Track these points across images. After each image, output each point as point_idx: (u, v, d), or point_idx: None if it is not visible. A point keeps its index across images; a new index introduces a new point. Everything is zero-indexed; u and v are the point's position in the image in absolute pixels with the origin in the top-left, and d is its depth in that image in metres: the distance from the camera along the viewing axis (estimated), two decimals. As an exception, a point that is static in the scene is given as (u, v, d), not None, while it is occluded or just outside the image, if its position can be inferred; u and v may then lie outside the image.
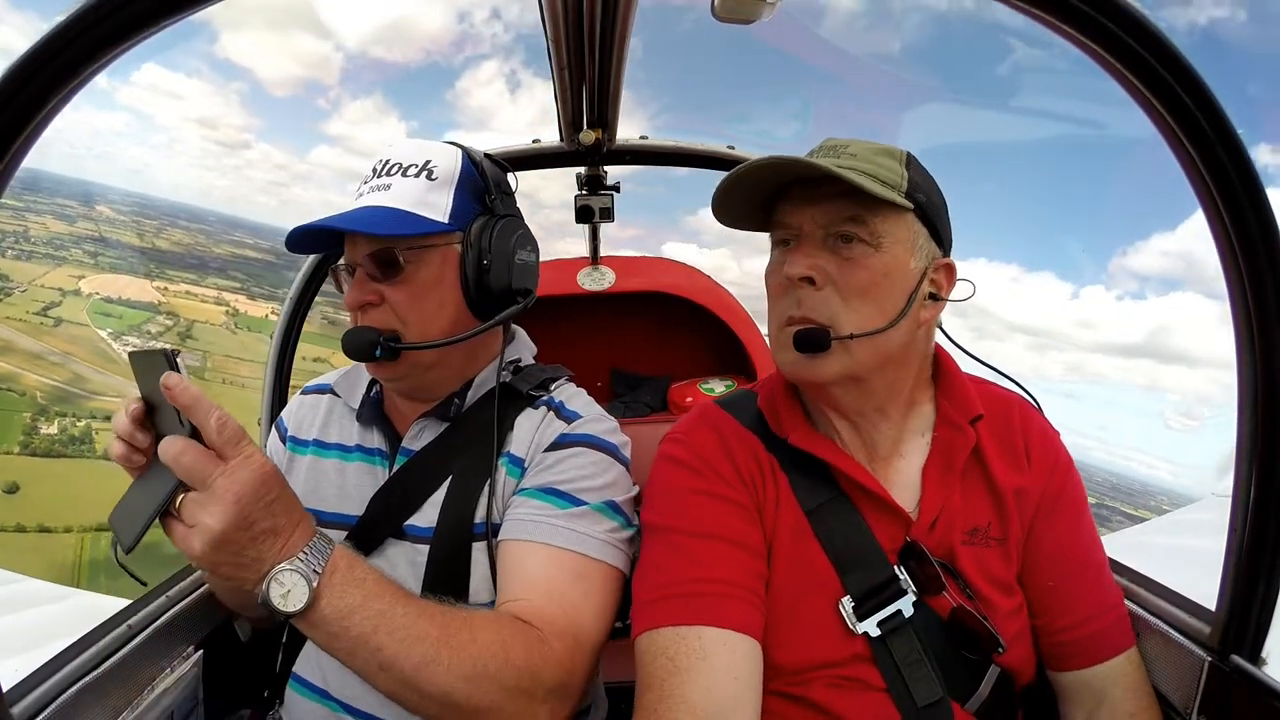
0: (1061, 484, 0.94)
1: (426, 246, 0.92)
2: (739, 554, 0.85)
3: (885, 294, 0.84)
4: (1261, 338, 0.73)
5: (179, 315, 71.24)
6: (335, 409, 1.08)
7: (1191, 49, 7.96)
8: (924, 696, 0.83)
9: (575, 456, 0.93)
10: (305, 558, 0.69)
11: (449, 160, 0.95)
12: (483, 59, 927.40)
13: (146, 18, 0.58)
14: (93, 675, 0.94)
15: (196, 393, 0.65)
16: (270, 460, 0.69)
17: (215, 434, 0.65)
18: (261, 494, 0.66)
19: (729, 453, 0.92)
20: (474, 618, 0.78)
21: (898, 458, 0.93)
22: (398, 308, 0.92)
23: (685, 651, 0.78)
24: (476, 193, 0.97)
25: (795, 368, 0.87)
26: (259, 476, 0.66)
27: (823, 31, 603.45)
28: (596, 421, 0.98)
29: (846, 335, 0.83)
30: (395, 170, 0.94)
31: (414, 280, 0.92)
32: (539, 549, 0.87)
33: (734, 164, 1.71)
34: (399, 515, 0.95)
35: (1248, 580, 0.80)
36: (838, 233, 0.84)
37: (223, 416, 0.66)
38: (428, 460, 0.97)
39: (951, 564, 0.88)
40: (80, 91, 0.61)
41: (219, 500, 0.64)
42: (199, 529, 0.65)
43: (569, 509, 0.90)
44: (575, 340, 2.32)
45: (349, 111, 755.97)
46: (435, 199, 0.93)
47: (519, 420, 0.97)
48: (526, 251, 0.99)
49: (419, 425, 0.99)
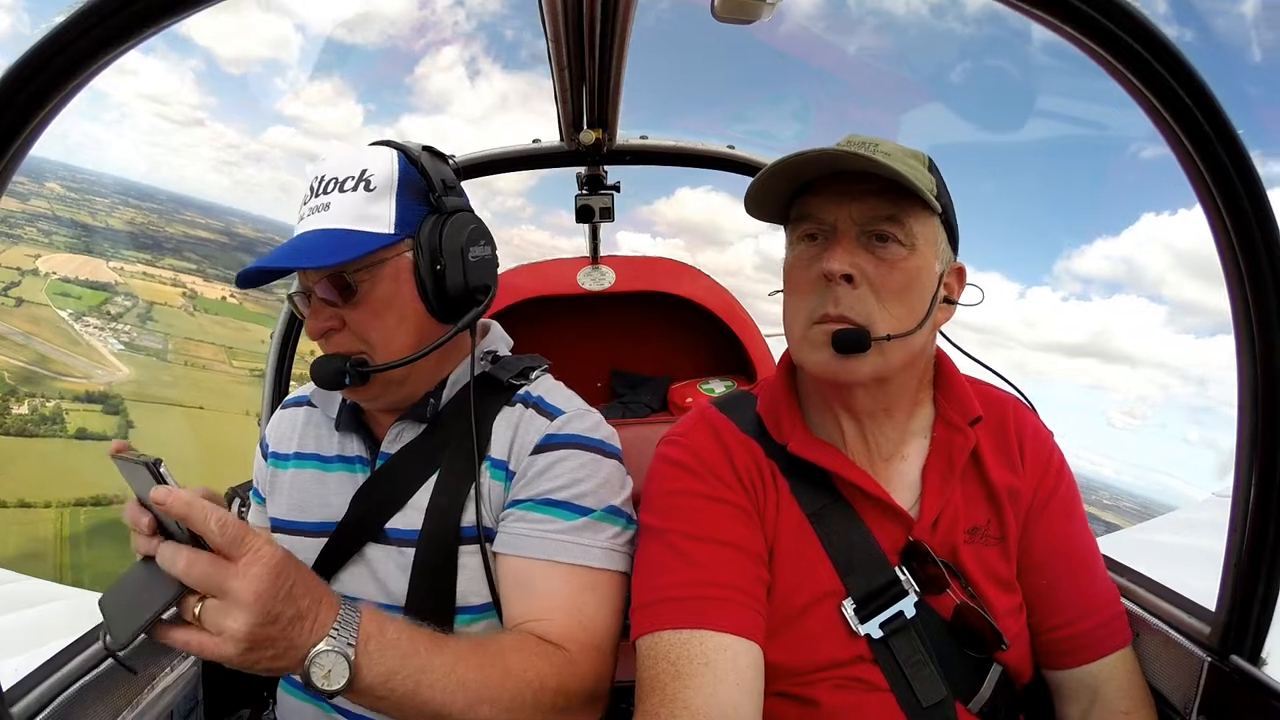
0: (1054, 484, 0.94)
1: (377, 262, 0.89)
2: (740, 558, 0.85)
3: (917, 295, 0.84)
4: (1261, 338, 0.73)
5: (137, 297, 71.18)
6: (313, 420, 1.07)
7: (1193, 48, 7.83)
8: (928, 696, 0.83)
9: (566, 460, 0.91)
10: (337, 634, 0.69)
11: (385, 165, 0.91)
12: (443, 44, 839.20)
13: (146, 18, 0.58)
14: (93, 675, 0.94)
15: (188, 499, 0.64)
16: (279, 547, 0.69)
17: (218, 537, 0.64)
18: (280, 585, 0.65)
19: (729, 456, 0.91)
20: (504, 650, 0.80)
21: (899, 459, 0.93)
22: (359, 329, 0.90)
23: (688, 656, 0.78)
24: (420, 193, 0.92)
25: (828, 367, 0.85)
26: (272, 569, 0.65)
27: (823, 31, 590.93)
28: (580, 418, 0.96)
29: (884, 336, 0.82)
30: (332, 186, 0.89)
31: (370, 299, 0.89)
32: (548, 567, 0.87)
33: (734, 164, 1.72)
34: (379, 517, 0.94)
35: (1248, 580, 0.80)
36: (875, 231, 0.83)
37: (222, 518, 0.65)
38: (407, 461, 0.95)
39: (954, 563, 0.88)
40: (80, 91, 0.61)
41: (239, 603, 0.64)
42: (227, 635, 0.64)
43: (572, 520, 0.89)
44: (575, 340, 2.31)
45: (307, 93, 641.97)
46: (376, 210, 0.89)
47: (496, 421, 0.95)
48: (480, 246, 0.95)
49: (397, 428, 0.98)
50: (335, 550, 0.95)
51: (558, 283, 2.19)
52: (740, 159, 1.72)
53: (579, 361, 2.29)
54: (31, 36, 0.57)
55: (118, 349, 63.07)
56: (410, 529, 0.92)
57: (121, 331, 66.07)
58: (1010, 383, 1.04)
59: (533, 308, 2.12)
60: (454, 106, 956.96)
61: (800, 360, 0.89)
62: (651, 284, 2.24)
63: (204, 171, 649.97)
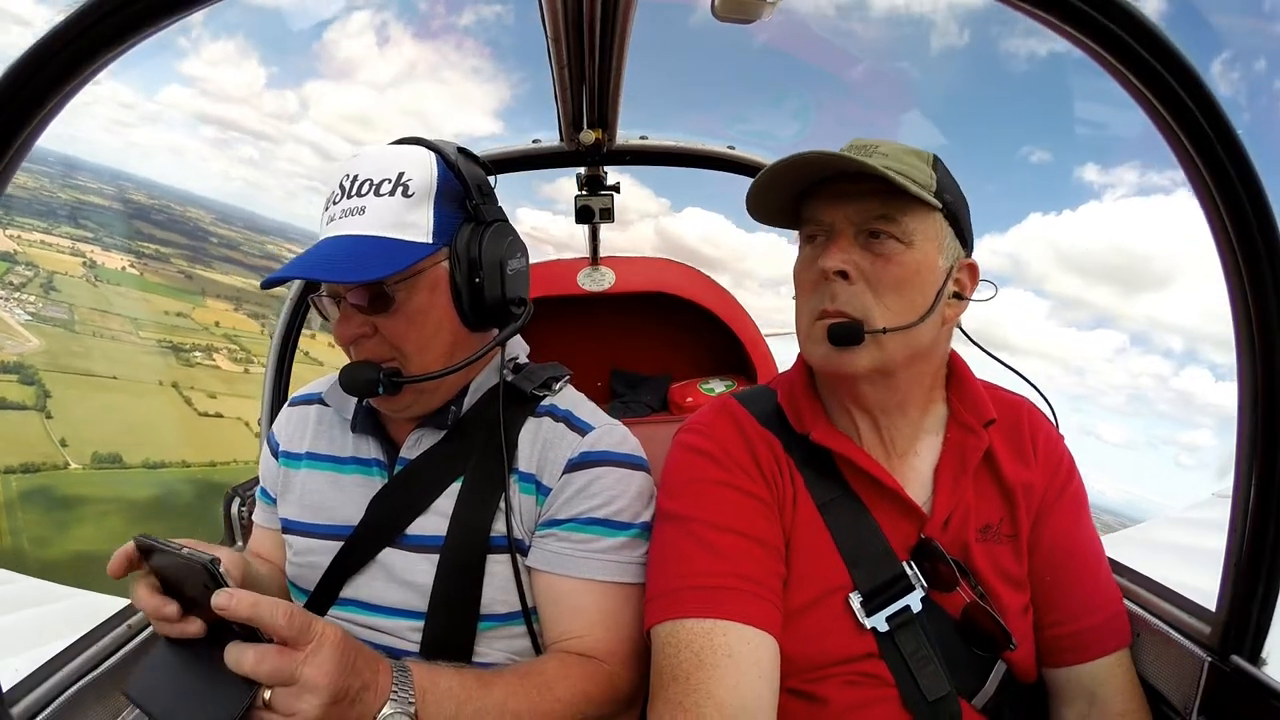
0: (1064, 483, 0.95)
1: (415, 272, 0.87)
2: (761, 551, 0.86)
3: (916, 289, 0.85)
4: (1261, 338, 0.73)
5: (38, 266, 70.11)
6: (325, 419, 1.05)
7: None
8: (932, 691, 0.84)
9: (602, 478, 0.92)
10: (397, 695, 0.71)
11: (424, 169, 0.88)
12: (355, 10, 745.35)
13: (146, 18, 0.58)
14: (93, 675, 0.94)
15: (252, 601, 0.64)
16: (335, 626, 0.70)
17: (287, 629, 0.65)
18: (345, 664, 0.68)
19: (750, 446, 0.92)
20: (550, 679, 0.82)
21: (913, 455, 0.94)
22: (393, 338, 0.88)
23: (711, 647, 0.78)
24: (457, 200, 0.90)
25: (827, 360, 0.87)
26: (337, 650, 0.67)
27: (822, 31, 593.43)
28: (609, 433, 0.97)
29: (879, 329, 0.84)
30: (367, 188, 0.87)
31: (406, 309, 0.87)
32: (588, 585, 0.90)
33: (734, 164, 1.72)
34: (398, 523, 0.93)
35: (1248, 580, 0.80)
36: (870, 229, 0.85)
37: (288, 612, 0.65)
38: (428, 468, 0.95)
39: (965, 561, 0.88)
40: (80, 92, 0.62)
41: (313, 688, 0.65)
42: (300, 717, 0.65)
43: (614, 538, 0.91)
44: (575, 340, 2.31)
45: (209, 51, 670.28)
46: (415, 218, 0.86)
47: (523, 432, 0.95)
48: (518, 259, 0.94)
49: (417, 434, 0.96)
50: (351, 553, 0.94)
51: (557, 283, 2.19)
52: (740, 159, 1.72)
53: (579, 361, 2.28)
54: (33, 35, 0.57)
55: (25, 319, 62.06)
56: (434, 535, 0.91)
57: (26, 302, 64.88)
58: (1031, 383, 1.05)
59: (533, 308, 2.12)
60: (361, 73, 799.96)
61: (806, 356, 0.91)
62: (651, 284, 2.24)
63: (95, 132, 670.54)
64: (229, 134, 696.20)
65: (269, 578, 1.03)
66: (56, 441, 44.17)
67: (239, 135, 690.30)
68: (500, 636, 0.92)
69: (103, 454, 44.72)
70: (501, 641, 0.92)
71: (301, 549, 0.99)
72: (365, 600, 0.93)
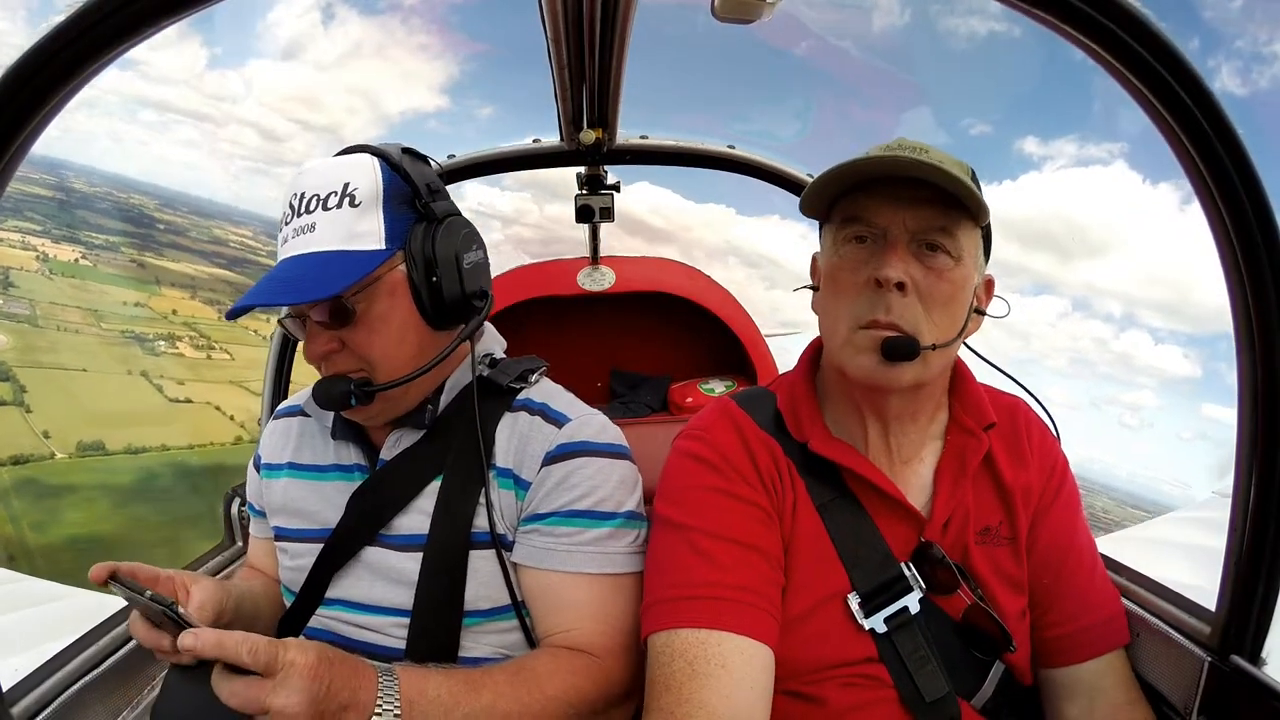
0: (1059, 484, 0.95)
1: (372, 282, 0.87)
2: (759, 560, 0.85)
3: (959, 306, 0.85)
4: (1261, 338, 0.73)
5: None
6: (306, 430, 1.05)
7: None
8: (931, 692, 0.84)
9: (582, 469, 0.91)
10: (381, 708, 0.72)
11: (368, 176, 0.87)
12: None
13: (146, 18, 0.58)
14: (93, 675, 0.94)
15: (216, 639, 0.67)
16: (310, 652, 0.71)
17: (252, 664, 0.67)
18: (317, 689, 0.69)
19: (750, 453, 0.91)
20: (540, 677, 0.82)
21: (916, 461, 0.93)
22: (359, 349, 0.88)
23: (704, 657, 0.78)
24: (406, 201, 0.90)
25: (874, 373, 0.84)
26: (306, 677, 0.68)
27: (822, 30, 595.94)
28: (587, 423, 0.96)
29: (930, 345, 0.83)
30: (315, 204, 0.86)
31: (368, 318, 0.87)
32: (575, 578, 0.89)
33: (734, 164, 1.72)
34: (377, 521, 0.93)
35: (1248, 580, 0.80)
36: (927, 240, 0.83)
37: (253, 648, 0.67)
38: (407, 465, 0.95)
39: (965, 564, 0.88)
40: (79, 92, 0.62)
41: (285, 716, 0.67)
42: None
43: (597, 529, 0.90)
44: (575, 340, 2.31)
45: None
46: (365, 226, 0.86)
47: (500, 427, 0.94)
48: (474, 251, 0.93)
49: (396, 435, 0.96)
50: (333, 553, 0.94)
51: (558, 283, 2.19)
52: (740, 159, 1.72)
53: (579, 361, 2.29)
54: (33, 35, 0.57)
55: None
56: (415, 533, 0.91)
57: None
58: (1027, 389, 1.04)
59: (533, 308, 2.12)
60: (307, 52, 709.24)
61: (842, 363, 0.87)
62: (651, 284, 2.24)
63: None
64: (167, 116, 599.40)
65: (262, 593, 1.04)
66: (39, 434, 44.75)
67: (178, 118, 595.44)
68: (486, 632, 0.91)
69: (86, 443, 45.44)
70: (489, 637, 0.92)
71: (290, 553, 1.00)
72: (351, 599, 0.94)
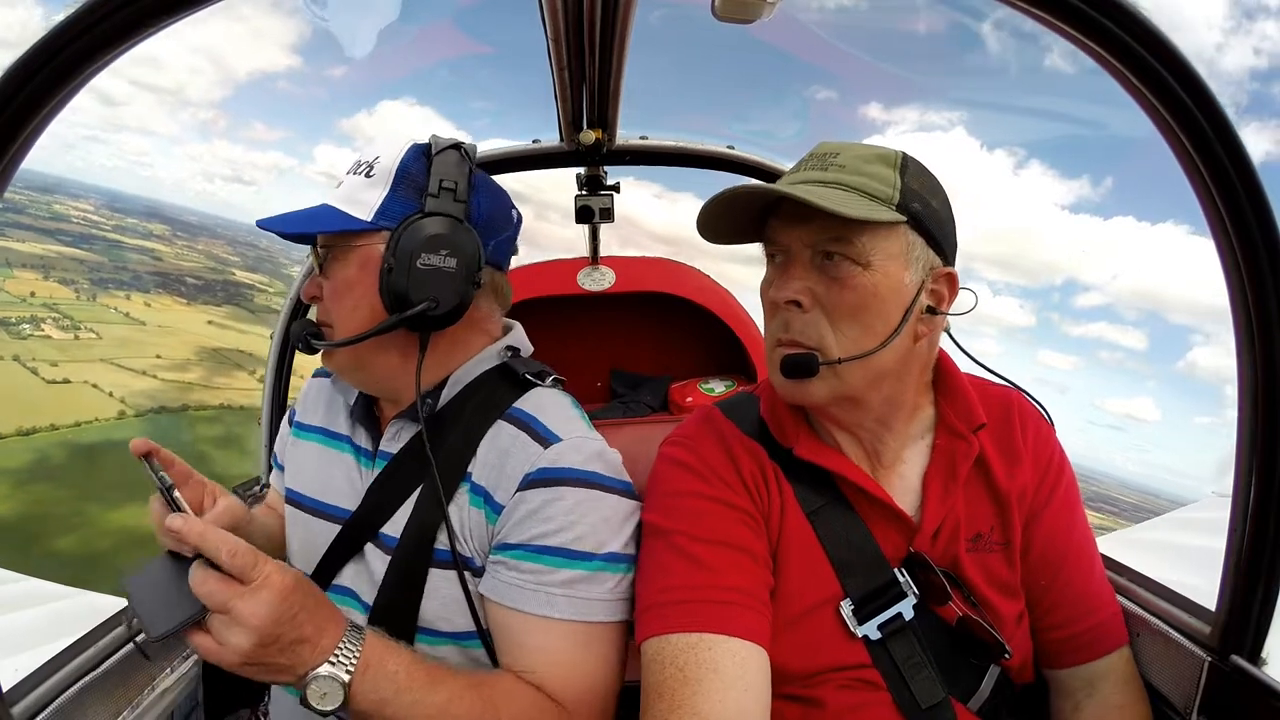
0: (1054, 482, 0.93)
1: (349, 247, 0.91)
2: (746, 561, 0.84)
3: (875, 314, 0.82)
4: (1261, 337, 0.73)
5: None
6: (336, 398, 1.08)
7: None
8: (926, 698, 0.83)
9: (559, 500, 0.84)
10: (336, 659, 0.72)
11: (392, 154, 0.91)
12: None
13: (146, 18, 0.58)
14: (93, 675, 0.94)
15: (200, 531, 0.69)
16: (288, 574, 0.71)
17: (229, 565, 0.69)
18: (283, 612, 0.69)
19: (733, 459, 0.91)
20: (498, 693, 0.80)
21: (900, 463, 0.92)
22: (327, 303, 0.94)
23: (696, 661, 0.77)
24: (417, 189, 0.90)
25: (784, 390, 0.87)
26: (278, 596, 0.69)
27: (822, 30, 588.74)
28: (577, 448, 0.88)
29: (834, 360, 0.82)
30: (352, 168, 0.93)
31: (335, 278, 0.92)
32: (545, 623, 0.83)
33: (734, 164, 1.72)
34: (376, 520, 0.93)
35: (1248, 580, 0.80)
36: (824, 251, 0.82)
37: (233, 548, 0.69)
38: (401, 467, 0.95)
39: (956, 572, 0.87)
40: (79, 93, 0.62)
41: (240, 624, 0.68)
42: (228, 648, 0.69)
43: (570, 570, 0.84)
44: (575, 340, 2.32)
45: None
46: (366, 196, 0.90)
47: (484, 440, 0.91)
48: (439, 255, 0.89)
49: (396, 426, 0.97)
50: (342, 544, 0.95)
51: (557, 283, 2.19)
52: (740, 159, 1.72)
53: (579, 361, 2.29)
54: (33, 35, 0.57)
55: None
56: (394, 537, 0.91)
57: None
58: (1025, 392, 1.01)
59: (532, 308, 2.12)
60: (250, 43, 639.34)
61: (771, 379, 0.90)
62: (651, 284, 2.24)
63: None
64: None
65: (278, 530, 1.09)
66: (-74, 423, 45.07)
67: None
68: (448, 655, 0.89)
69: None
70: (452, 660, 0.89)
71: (302, 525, 1.02)
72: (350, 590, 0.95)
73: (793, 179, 0.86)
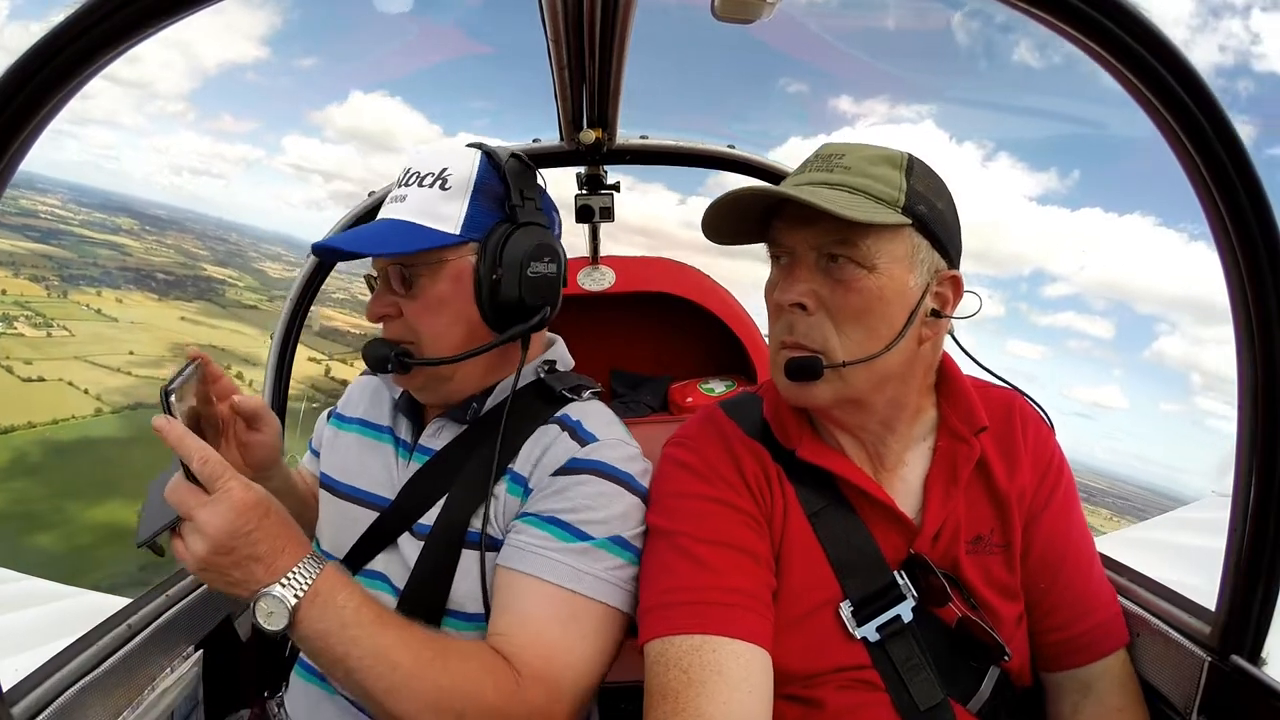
0: (1054, 484, 0.93)
1: (438, 261, 0.91)
2: (748, 563, 0.84)
3: (879, 317, 0.82)
4: (1261, 337, 0.73)
5: None
6: (381, 391, 1.11)
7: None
8: (925, 699, 0.83)
9: (583, 485, 0.88)
10: (288, 581, 0.74)
11: (465, 166, 0.93)
12: None
13: (146, 18, 0.58)
14: (93, 675, 0.94)
15: (180, 433, 0.74)
16: (252, 492, 0.74)
17: (198, 472, 0.73)
18: (238, 525, 0.72)
19: (736, 460, 0.90)
20: (451, 649, 0.79)
21: (902, 466, 0.92)
22: (412, 321, 0.93)
23: (699, 664, 0.77)
24: (496, 200, 0.94)
25: (788, 393, 0.87)
26: (235, 509, 0.72)
27: (822, 29, 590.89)
28: (613, 447, 0.92)
29: (839, 364, 0.82)
30: (414, 180, 0.93)
31: (426, 295, 0.92)
32: (532, 583, 0.84)
33: (734, 163, 1.72)
34: (414, 512, 0.95)
35: (1248, 580, 0.80)
36: (829, 253, 0.82)
37: (204, 455, 0.73)
38: (442, 462, 0.97)
39: (956, 574, 0.87)
40: (78, 94, 0.62)
41: (200, 531, 0.72)
42: (189, 554, 0.73)
43: (571, 543, 0.85)
44: (575, 340, 2.30)
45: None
46: (447, 210, 0.91)
47: (529, 438, 0.94)
48: (545, 263, 0.94)
49: (438, 424, 1.00)
50: (377, 533, 0.97)
51: None
52: (740, 159, 1.72)
53: (579, 361, 2.29)
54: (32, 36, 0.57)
55: None
56: (427, 525, 0.93)
57: None
58: (1027, 395, 1.01)
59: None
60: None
61: (774, 382, 0.90)
62: (651, 284, 2.24)
63: None
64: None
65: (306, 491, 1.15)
66: (-96, 422, 45.10)
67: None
68: (469, 638, 0.89)
69: (-45, 429, 46.14)
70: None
71: (337, 512, 1.04)
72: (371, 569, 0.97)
73: (797, 180, 0.86)
